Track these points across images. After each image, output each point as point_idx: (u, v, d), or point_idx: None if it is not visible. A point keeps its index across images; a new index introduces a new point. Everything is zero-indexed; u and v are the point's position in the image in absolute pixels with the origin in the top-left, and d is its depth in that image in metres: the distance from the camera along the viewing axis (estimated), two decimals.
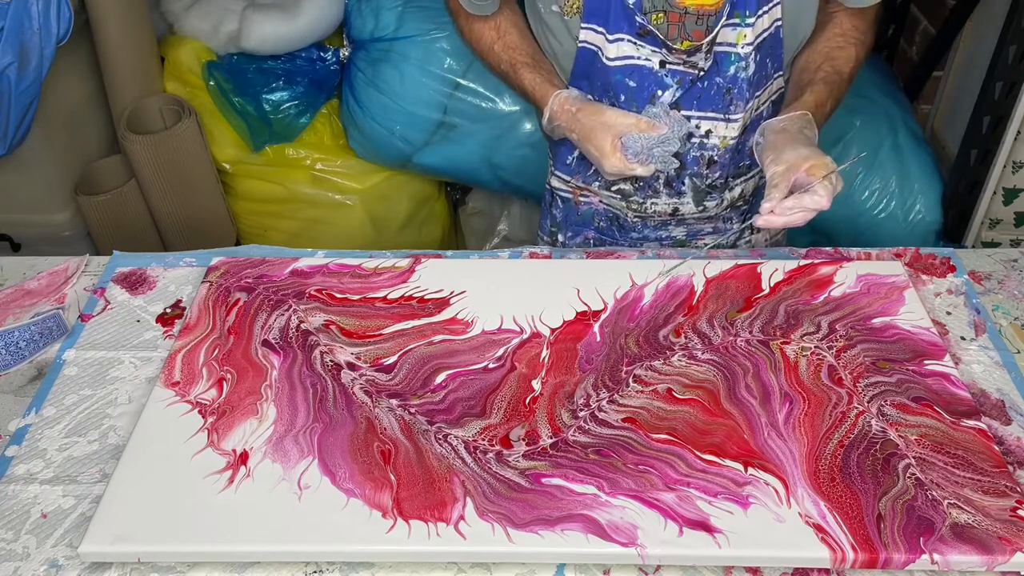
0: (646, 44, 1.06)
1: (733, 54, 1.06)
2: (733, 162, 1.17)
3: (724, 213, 1.23)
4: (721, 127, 1.11)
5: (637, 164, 1.05)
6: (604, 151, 1.05)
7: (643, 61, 1.07)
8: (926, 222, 1.94)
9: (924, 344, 0.98)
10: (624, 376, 0.95)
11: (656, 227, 1.23)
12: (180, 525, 0.80)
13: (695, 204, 1.19)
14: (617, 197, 1.21)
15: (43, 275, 1.13)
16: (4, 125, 1.59)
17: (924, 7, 2.20)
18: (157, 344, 1.02)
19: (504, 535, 0.79)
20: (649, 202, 1.20)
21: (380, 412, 0.91)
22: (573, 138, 1.10)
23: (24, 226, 1.90)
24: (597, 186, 1.22)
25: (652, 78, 1.08)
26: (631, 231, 1.24)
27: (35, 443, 0.91)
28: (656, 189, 1.18)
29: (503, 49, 1.16)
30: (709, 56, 1.06)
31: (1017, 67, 1.64)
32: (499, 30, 1.16)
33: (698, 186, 1.17)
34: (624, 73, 1.08)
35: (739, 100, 1.09)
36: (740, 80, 1.08)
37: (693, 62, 1.06)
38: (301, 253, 1.15)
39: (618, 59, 1.07)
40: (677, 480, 0.84)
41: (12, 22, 1.51)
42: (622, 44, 1.06)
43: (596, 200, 1.24)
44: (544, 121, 1.13)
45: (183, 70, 2.08)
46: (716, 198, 1.19)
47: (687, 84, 1.08)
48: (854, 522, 0.80)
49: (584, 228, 1.28)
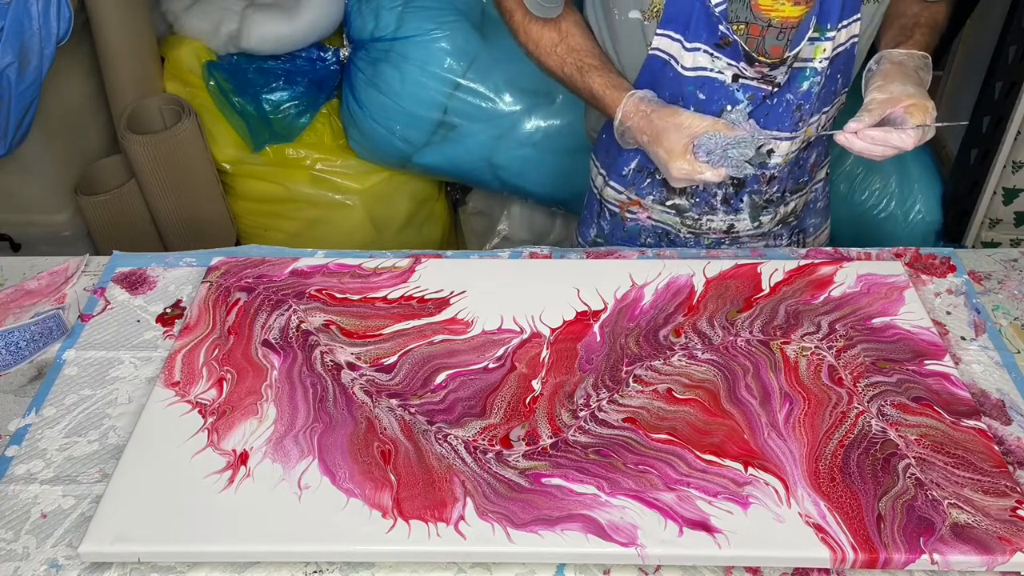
0: (723, 56, 1.02)
1: (809, 68, 1.03)
2: (792, 176, 1.15)
3: (776, 229, 1.20)
4: (785, 145, 1.09)
5: (707, 167, 0.98)
6: (674, 152, 0.99)
7: (716, 74, 1.03)
8: (926, 222, 1.94)
9: (924, 344, 0.98)
10: (624, 376, 0.95)
11: (709, 246, 1.19)
12: (180, 525, 0.80)
13: (751, 220, 1.16)
14: (671, 212, 1.18)
15: (43, 275, 1.13)
16: (4, 125, 1.59)
17: None
18: (157, 344, 1.02)
19: (504, 535, 0.79)
20: (705, 218, 1.17)
21: (380, 412, 0.91)
22: (644, 141, 1.04)
23: (24, 226, 1.90)
24: (651, 200, 1.18)
25: (723, 92, 1.04)
26: (682, 247, 1.20)
27: (35, 443, 0.91)
28: (713, 205, 1.15)
29: (567, 52, 1.10)
30: (788, 72, 1.03)
31: (1017, 67, 1.64)
32: (561, 31, 1.11)
33: (756, 202, 1.14)
34: (696, 84, 1.04)
35: (807, 116, 1.07)
36: (812, 96, 1.05)
37: (771, 77, 1.03)
38: (301, 253, 1.15)
39: (692, 69, 1.04)
40: (677, 480, 0.84)
41: (12, 22, 1.51)
42: (698, 55, 1.02)
43: (644, 216, 1.20)
44: (616, 123, 1.07)
45: (183, 70, 2.08)
46: (771, 212, 1.17)
47: (758, 100, 1.05)
48: (854, 522, 0.80)
49: (630, 244, 1.24)
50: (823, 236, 1.32)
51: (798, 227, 1.26)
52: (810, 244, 1.28)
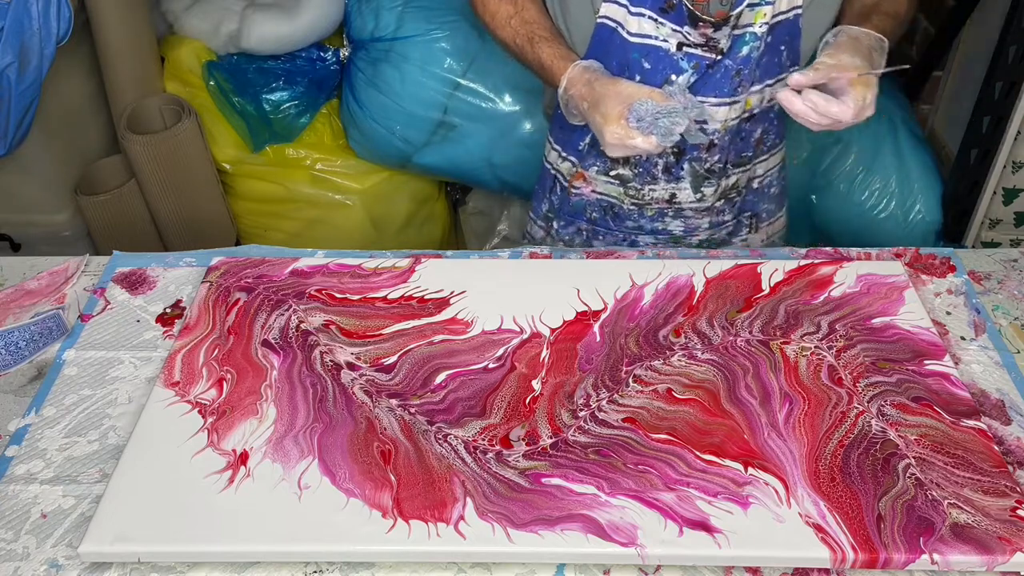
0: (667, 22, 1.04)
1: (748, 34, 1.05)
2: (733, 147, 1.16)
3: (719, 205, 1.22)
4: (724, 111, 1.10)
5: (638, 133, 0.99)
6: (609, 117, 1.00)
7: (660, 42, 1.05)
8: (926, 222, 1.94)
9: (924, 344, 0.98)
10: (624, 376, 0.95)
11: (653, 218, 1.22)
12: (180, 525, 0.80)
13: (693, 190, 1.17)
14: (615, 183, 1.20)
15: (43, 275, 1.13)
16: (4, 125, 1.59)
17: (924, 7, 2.20)
18: (157, 344, 1.02)
19: (504, 535, 0.79)
20: (647, 188, 1.19)
21: (380, 412, 0.91)
22: (584, 108, 1.05)
23: (24, 226, 1.90)
24: (595, 171, 1.20)
25: (668, 61, 1.06)
26: (626, 220, 1.22)
27: (35, 443, 0.91)
28: (654, 175, 1.17)
29: (520, 24, 1.13)
30: (730, 36, 1.04)
31: (1017, 67, 1.64)
32: (517, 5, 1.14)
33: (697, 171, 1.16)
34: (641, 52, 1.07)
35: (746, 82, 1.08)
36: (751, 61, 1.07)
37: (715, 41, 1.04)
38: (301, 253, 1.15)
39: (637, 36, 1.06)
40: (677, 480, 0.84)
41: (12, 22, 1.51)
42: (643, 20, 1.05)
43: (588, 190, 1.22)
44: (561, 91, 1.09)
45: (183, 70, 2.08)
46: (713, 184, 1.18)
47: (703, 69, 1.06)
48: (854, 522, 0.80)
49: (577, 218, 1.27)
50: (778, 223, 1.33)
51: (750, 211, 1.26)
52: (764, 229, 1.30)
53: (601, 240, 1.26)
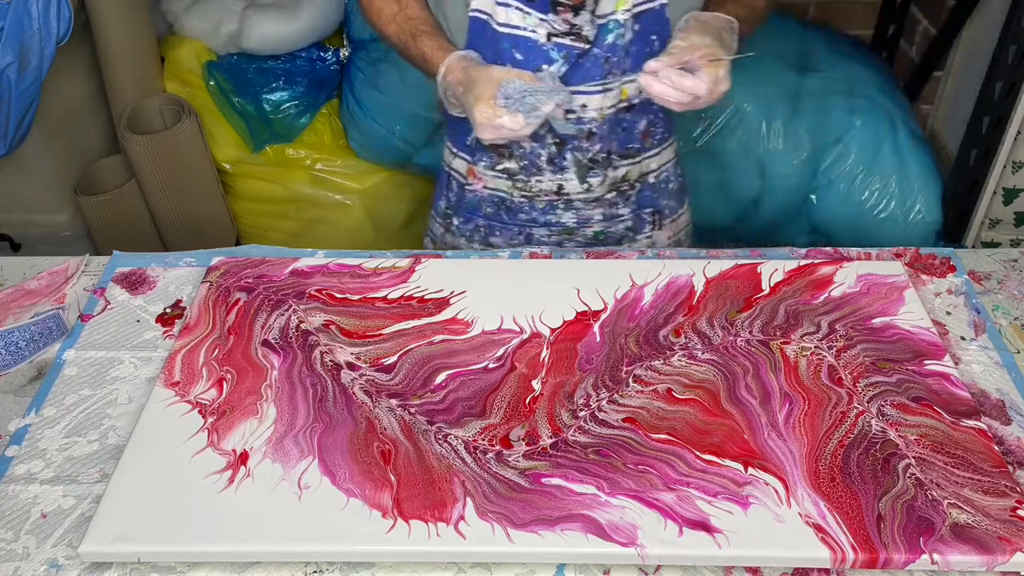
0: (533, 11, 1.07)
1: (612, 21, 1.08)
2: (615, 137, 1.18)
3: (611, 197, 1.23)
4: (598, 98, 1.12)
5: (506, 112, 1.01)
6: (480, 98, 1.03)
7: (530, 33, 1.08)
8: (926, 222, 1.94)
9: (924, 344, 0.98)
10: (624, 376, 0.95)
11: (544, 210, 1.23)
12: (180, 525, 0.80)
13: (579, 181, 1.19)
14: (503, 177, 1.22)
15: (43, 275, 1.13)
16: (4, 125, 1.59)
17: (924, 7, 2.20)
18: (157, 344, 1.02)
19: (504, 535, 0.79)
20: (534, 180, 1.20)
21: (380, 412, 0.91)
22: (459, 92, 1.07)
23: (24, 226, 1.90)
24: (483, 167, 1.23)
25: (539, 51, 1.09)
26: (519, 213, 1.24)
27: (35, 443, 0.91)
28: (539, 167, 1.19)
29: (404, 20, 1.17)
30: (594, 24, 1.08)
31: (1017, 67, 1.64)
32: (400, 2, 1.18)
33: (580, 160, 1.17)
34: (511, 43, 1.09)
35: (616, 70, 1.11)
36: (618, 48, 1.09)
37: (577, 30, 1.08)
38: (301, 253, 1.15)
39: (506, 26, 1.09)
40: (677, 480, 0.84)
41: (12, 22, 1.51)
42: (510, 11, 1.08)
43: (480, 186, 1.24)
44: (439, 79, 1.11)
45: (183, 70, 2.08)
46: (599, 175, 1.20)
47: (573, 58, 1.09)
48: (854, 522, 0.80)
49: (473, 215, 1.28)
50: (682, 220, 1.35)
51: (651, 208, 1.28)
52: (668, 227, 1.32)
53: (498, 236, 1.28)
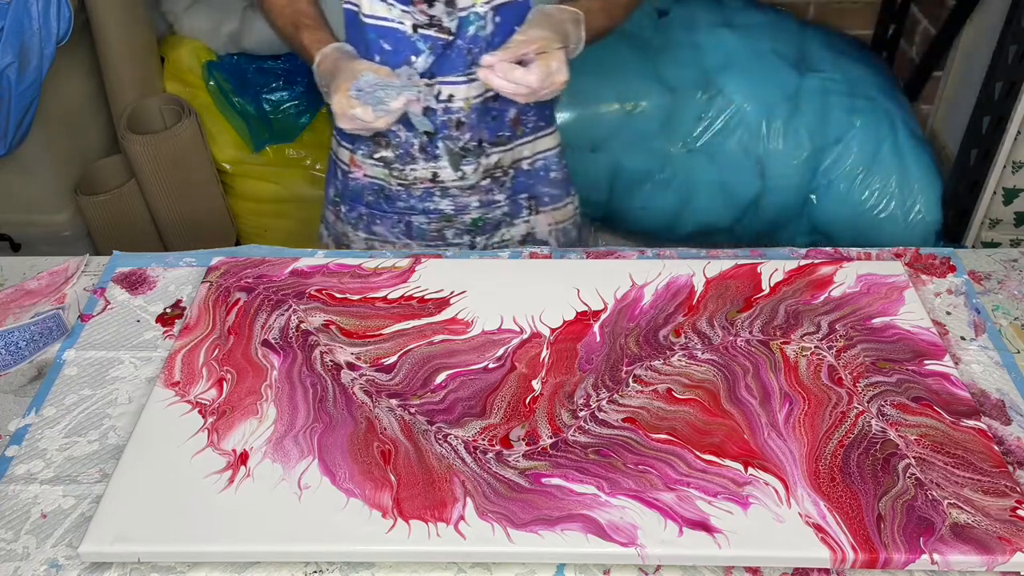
0: (396, 3, 1.10)
1: (472, 14, 1.11)
2: (485, 125, 1.20)
3: (486, 184, 1.25)
4: (463, 89, 1.15)
5: (358, 103, 1.06)
6: (339, 89, 1.07)
7: (397, 24, 1.11)
8: (926, 222, 1.94)
9: (924, 344, 0.98)
10: (624, 376, 0.95)
11: (421, 197, 1.25)
12: (180, 525, 0.80)
13: (453, 168, 1.22)
14: (380, 165, 1.24)
15: (43, 275, 1.13)
16: (4, 125, 1.59)
17: (924, 7, 2.20)
18: (157, 344, 1.02)
19: (504, 535, 0.79)
20: (408, 168, 1.23)
21: (380, 412, 0.91)
22: (327, 83, 1.12)
23: (24, 226, 1.90)
24: (361, 155, 1.25)
25: (406, 43, 1.12)
26: (397, 200, 1.27)
27: (35, 443, 0.91)
28: (413, 155, 1.21)
29: (292, 12, 1.21)
30: (453, 15, 1.10)
31: (1017, 67, 1.64)
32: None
33: (451, 148, 1.20)
34: (379, 34, 1.12)
35: (479, 61, 1.12)
36: (480, 40, 1.12)
37: (438, 20, 1.11)
38: (301, 253, 1.15)
39: (372, 17, 1.12)
40: (677, 480, 0.84)
41: (12, 22, 1.51)
42: (375, 2, 1.11)
43: (360, 174, 1.27)
44: (314, 69, 1.16)
45: (183, 70, 2.08)
46: (472, 163, 1.22)
47: (439, 50, 1.12)
48: (854, 522, 0.80)
49: (356, 203, 1.31)
50: (567, 210, 1.37)
51: (527, 193, 1.31)
52: (549, 214, 1.34)
53: (379, 224, 1.30)
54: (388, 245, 1.31)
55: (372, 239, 1.32)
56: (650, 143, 2.02)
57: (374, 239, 1.31)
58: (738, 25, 2.06)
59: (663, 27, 2.07)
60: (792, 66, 2.01)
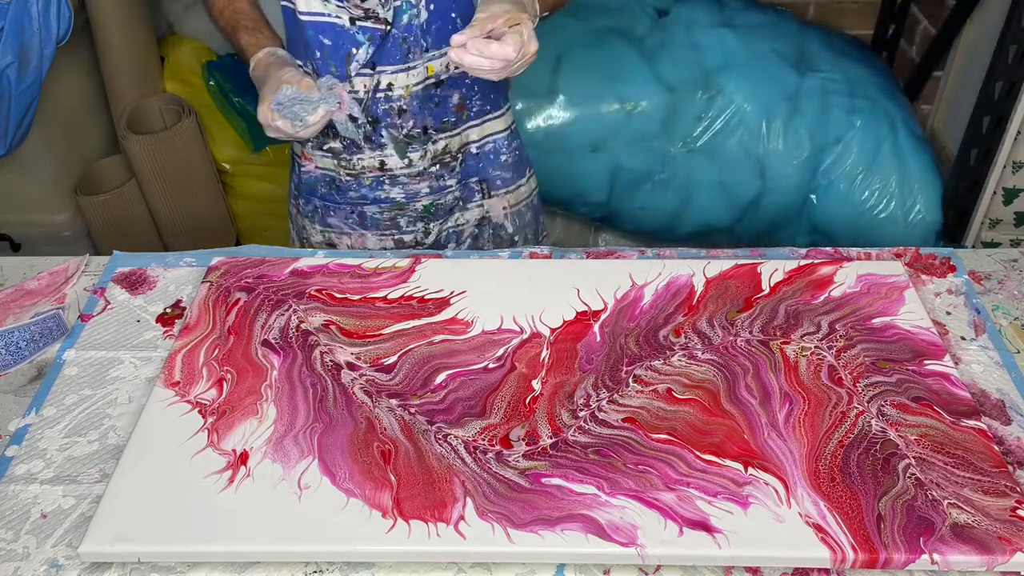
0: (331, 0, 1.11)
1: (404, 3, 1.12)
2: (428, 112, 1.21)
3: (435, 170, 1.26)
4: (402, 77, 1.16)
5: (279, 116, 1.07)
6: (263, 100, 1.09)
7: (334, 19, 1.12)
8: (926, 222, 1.94)
9: (924, 344, 0.98)
10: (624, 376, 0.95)
11: (371, 187, 1.26)
12: (180, 525, 0.80)
13: (399, 156, 1.23)
14: (329, 156, 1.26)
15: (43, 275, 1.13)
16: (4, 125, 1.59)
17: (924, 7, 2.20)
18: (157, 344, 1.02)
19: (504, 535, 0.79)
20: (356, 158, 1.24)
21: (380, 412, 0.91)
22: (258, 89, 1.14)
23: (24, 226, 1.90)
24: (311, 147, 1.26)
25: (345, 36, 1.13)
26: (348, 191, 1.27)
27: (35, 443, 0.91)
28: (359, 145, 1.22)
29: (231, 13, 1.23)
30: (388, 6, 1.11)
31: (1017, 67, 1.64)
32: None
33: (396, 137, 1.21)
34: (317, 29, 1.13)
35: (415, 48, 1.14)
36: (414, 28, 1.13)
37: (374, 13, 1.12)
38: (301, 253, 1.15)
39: (309, 15, 1.13)
40: (677, 480, 0.84)
41: (12, 22, 1.51)
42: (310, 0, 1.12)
43: (312, 167, 1.28)
44: (250, 73, 1.17)
45: (183, 70, 2.08)
46: (418, 150, 1.23)
47: (378, 40, 1.13)
48: (854, 522, 0.80)
49: (311, 195, 1.32)
50: (521, 191, 1.37)
51: (478, 177, 1.31)
52: (503, 197, 1.35)
53: (333, 215, 1.31)
54: (344, 236, 1.32)
55: (328, 231, 1.33)
56: (650, 143, 2.02)
57: (330, 231, 1.32)
58: (738, 25, 2.06)
59: (663, 27, 2.07)
60: (792, 66, 2.01)
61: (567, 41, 2.05)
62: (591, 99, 2.02)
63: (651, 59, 2.03)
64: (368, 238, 1.31)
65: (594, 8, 2.10)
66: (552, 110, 2.01)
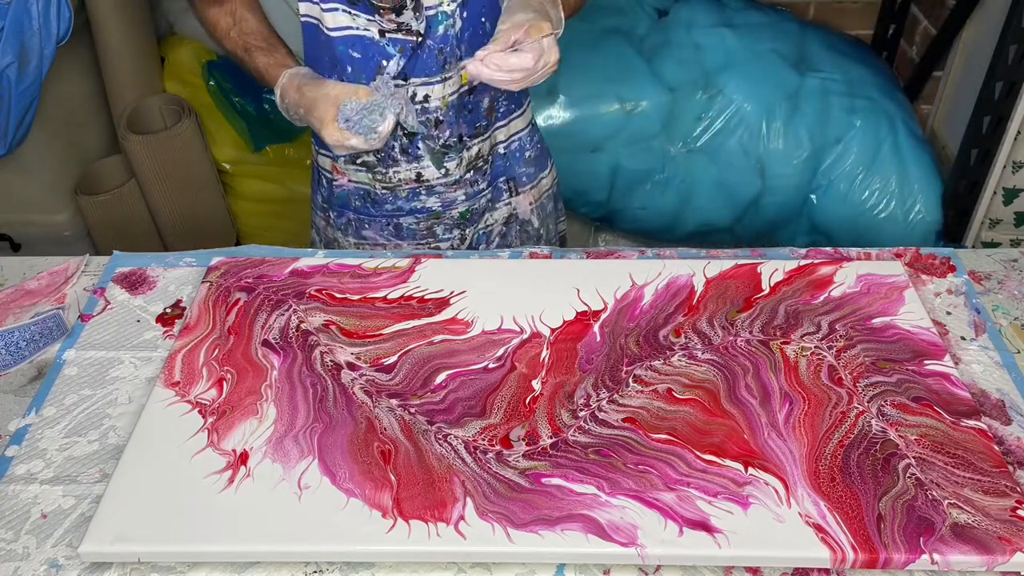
0: (360, 12, 1.08)
1: (440, 14, 1.10)
2: (463, 119, 1.19)
3: (470, 176, 1.25)
4: (439, 88, 1.14)
5: (352, 134, 1.05)
6: (324, 121, 1.06)
7: (363, 32, 1.10)
8: (926, 222, 1.94)
9: (924, 344, 0.98)
10: (624, 376, 0.95)
11: (408, 198, 1.25)
12: (180, 525, 0.80)
13: (436, 167, 1.21)
14: (363, 170, 1.24)
15: (43, 275, 1.13)
16: (4, 125, 1.59)
17: (924, 7, 2.20)
18: (157, 344, 1.02)
19: (504, 535, 0.79)
20: (391, 171, 1.22)
21: (380, 412, 0.91)
22: (302, 114, 1.11)
23: (24, 226, 1.90)
24: (343, 162, 1.24)
25: (375, 48, 1.10)
26: (384, 204, 1.26)
27: (35, 443, 0.91)
28: (395, 158, 1.21)
29: (239, 35, 1.18)
30: (420, 17, 1.09)
31: (1017, 67, 1.64)
32: (235, 16, 1.18)
33: (433, 148, 1.19)
34: (347, 44, 1.10)
35: (451, 59, 1.13)
36: (449, 38, 1.11)
37: (407, 25, 1.09)
38: (301, 253, 1.15)
39: (337, 29, 1.10)
40: (677, 480, 0.84)
41: (12, 22, 1.51)
42: (337, 14, 1.09)
43: (345, 180, 1.26)
44: (277, 101, 1.14)
45: (183, 70, 2.08)
46: (454, 158, 1.21)
47: (409, 52, 1.11)
48: (854, 522, 0.80)
49: (345, 209, 1.30)
50: (543, 184, 1.37)
51: (505, 176, 1.30)
52: (528, 193, 1.34)
53: (368, 228, 1.29)
54: (379, 247, 1.30)
55: (363, 243, 1.31)
56: (650, 143, 2.02)
57: (364, 243, 1.31)
58: (738, 25, 2.06)
59: (663, 27, 2.07)
60: (792, 66, 2.01)
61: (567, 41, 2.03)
62: (591, 99, 2.02)
63: (651, 59, 2.03)
64: (404, 248, 1.29)
65: (594, 8, 2.10)
66: (552, 110, 2.01)
